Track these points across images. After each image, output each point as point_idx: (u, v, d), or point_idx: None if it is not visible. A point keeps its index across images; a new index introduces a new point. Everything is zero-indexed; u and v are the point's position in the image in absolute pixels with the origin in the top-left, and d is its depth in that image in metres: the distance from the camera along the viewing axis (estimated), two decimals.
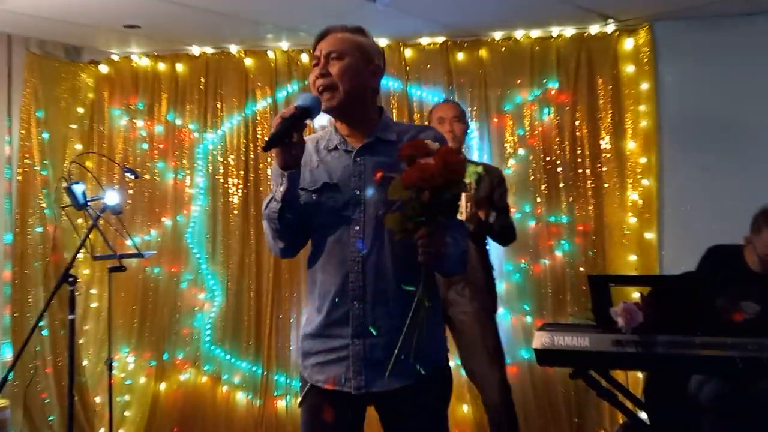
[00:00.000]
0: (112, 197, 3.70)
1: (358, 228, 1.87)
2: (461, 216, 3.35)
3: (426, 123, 3.65)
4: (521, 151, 4.37)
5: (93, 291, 4.67)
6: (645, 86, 4.23)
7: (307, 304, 2.04)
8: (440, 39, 4.46)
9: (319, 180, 1.92)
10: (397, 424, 1.94)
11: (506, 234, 3.46)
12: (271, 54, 4.64)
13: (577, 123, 4.32)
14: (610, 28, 4.29)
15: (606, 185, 4.29)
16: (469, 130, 3.66)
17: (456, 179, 1.70)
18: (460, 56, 4.45)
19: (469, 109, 4.42)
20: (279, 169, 1.82)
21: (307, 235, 1.96)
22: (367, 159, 1.91)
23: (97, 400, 4.55)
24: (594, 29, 4.32)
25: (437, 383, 1.95)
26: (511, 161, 4.38)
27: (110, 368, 3.91)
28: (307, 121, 1.84)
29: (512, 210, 3.96)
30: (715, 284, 2.86)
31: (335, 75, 1.90)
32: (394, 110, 4.47)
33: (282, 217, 1.84)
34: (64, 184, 3.71)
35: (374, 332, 1.86)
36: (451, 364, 4.15)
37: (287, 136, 1.77)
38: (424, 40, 4.48)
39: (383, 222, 1.80)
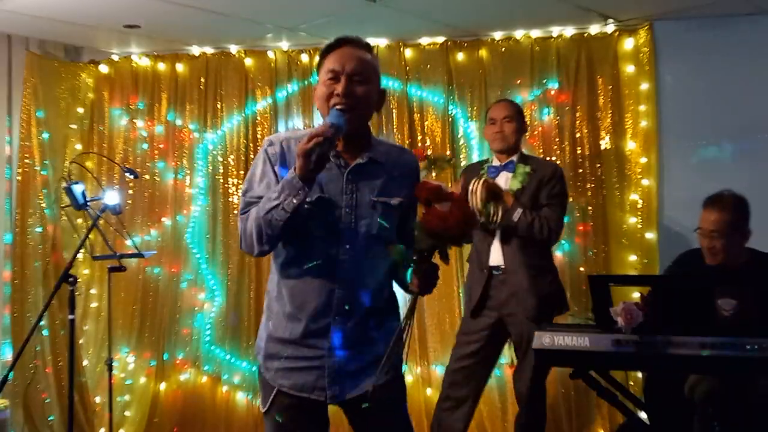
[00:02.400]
0: (112, 197, 3.70)
1: (348, 246, 1.93)
2: (496, 218, 3.36)
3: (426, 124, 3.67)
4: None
5: (93, 291, 4.67)
6: (645, 86, 4.23)
7: (270, 305, 2.04)
8: (440, 39, 4.46)
9: (312, 192, 1.91)
10: (365, 419, 2.02)
11: (534, 232, 3.36)
12: (271, 54, 4.64)
13: (577, 123, 4.32)
14: (610, 28, 4.29)
15: (606, 185, 4.29)
16: (525, 130, 3.64)
17: (470, 232, 1.92)
18: (460, 56, 4.45)
19: (469, 109, 4.42)
20: (295, 180, 1.81)
21: (286, 240, 1.96)
22: (358, 178, 1.96)
23: (97, 400, 4.55)
24: (594, 29, 4.32)
25: (394, 384, 2.05)
26: None
27: (110, 368, 3.91)
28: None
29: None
30: (676, 283, 2.89)
31: (358, 99, 1.94)
32: (394, 110, 4.47)
33: (285, 226, 1.85)
34: (64, 184, 3.72)
35: (355, 345, 1.96)
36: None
37: (327, 156, 1.82)
38: (424, 40, 4.48)
39: (389, 252, 1.92)
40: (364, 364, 1.96)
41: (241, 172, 4.61)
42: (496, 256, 3.42)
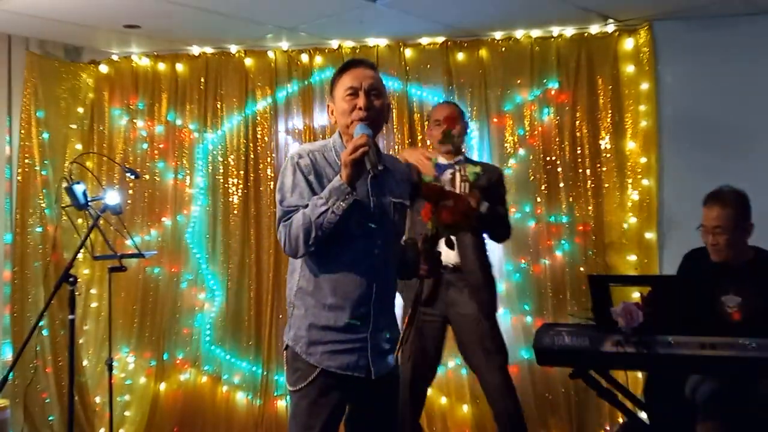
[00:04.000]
0: (112, 197, 3.70)
1: (380, 242, 2.21)
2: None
3: (426, 125, 3.67)
4: (521, 151, 4.38)
5: (93, 291, 4.67)
6: (645, 86, 4.23)
7: (304, 299, 2.24)
8: (440, 39, 4.46)
9: None
10: (379, 399, 2.30)
11: (498, 225, 3.43)
12: (271, 54, 4.64)
13: (577, 123, 4.32)
14: (610, 28, 4.29)
15: (606, 185, 4.29)
16: (468, 131, 3.66)
17: (473, 222, 2.54)
18: (460, 56, 4.45)
19: (469, 109, 4.42)
20: (343, 185, 2.07)
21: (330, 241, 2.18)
22: (377, 183, 2.21)
23: (97, 400, 4.55)
24: (594, 29, 4.32)
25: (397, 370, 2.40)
26: (511, 161, 4.38)
27: (110, 368, 3.91)
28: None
29: (512, 210, 3.97)
30: (683, 282, 2.89)
31: (377, 111, 2.22)
32: (394, 110, 4.46)
33: (333, 229, 2.09)
34: (65, 184, 3.71)
35: (382, 328, 2.26)
36: (451, 363, 4.18)
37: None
38: (424, 40, 4.48)
39: (405, 245, 2.37)
40: (391, 344, 2.30)
41: (241, 172, 4.62)
42: (449, 254, 3.33)
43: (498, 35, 4.41)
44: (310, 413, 2.19)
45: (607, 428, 4.13)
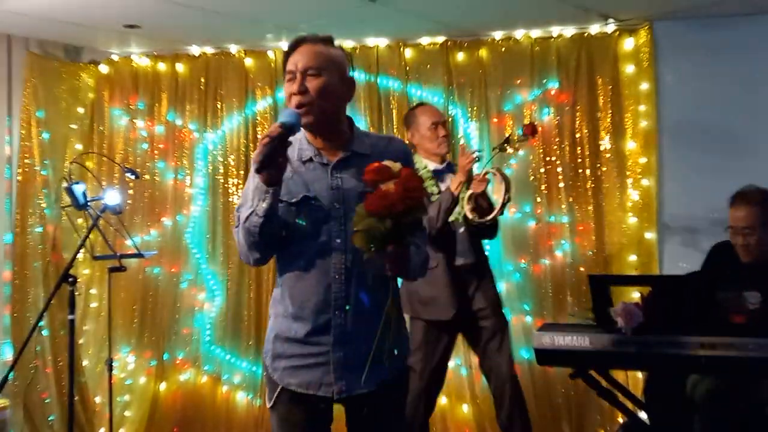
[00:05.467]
0: (112, 197, 3.70)
1: (339, 240, 1.94)
2: (466, 211, 3.42)
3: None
4: (521, 151, 4.37)
5: (93, 291, 4.67)
6: (645, 86, 4.23)
7: (275, 307, 2.06)
8: (440, 39, 4.46)
9: (297, 192, 1.95)
10: (363, 422, 2.03)
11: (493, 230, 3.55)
12: (271, 54, 4.64)
13: (577, 123, 4.32)
14: (610, 28, 4.29)
15: (606, 185, 4.28)
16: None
17: (416, 205, 1.75)
18: (460, 56, 4.45)
19: (469, 109, 4.42)
20: (260, 184, 1.84)
21: (281, 244, 1.98)
22: (344, 173, 1.98)
23: (97, 400, 4.55)
24: (594, 29, 4.32)
25: (400, 385, 2.08)
26: (511, 161, 4.37)
27: (110, 368, 3.91)
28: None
29: (511, 210, 4.00)
30: (710, 281, 2.87)
31: (313, 92, 1.92)
32: (394, 110, 4.46)
33: (263, 231, 1.89)
34: (65, 184, 3.71)
35: (355, 339, 1.94)
36: (451, 363, 4.17)
37: (278, 156, 1.80)
38: (424, 40, 4.48)
39: (352, 241, 1.83)
40: (375, 358, 1.91)
41: (241, 172, 4.61)
42: (465, 253, 3.46)
43: (498, 35, 4.41)
44: None
45: (607, 428, 4.13)
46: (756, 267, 3.01)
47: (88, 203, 3.69)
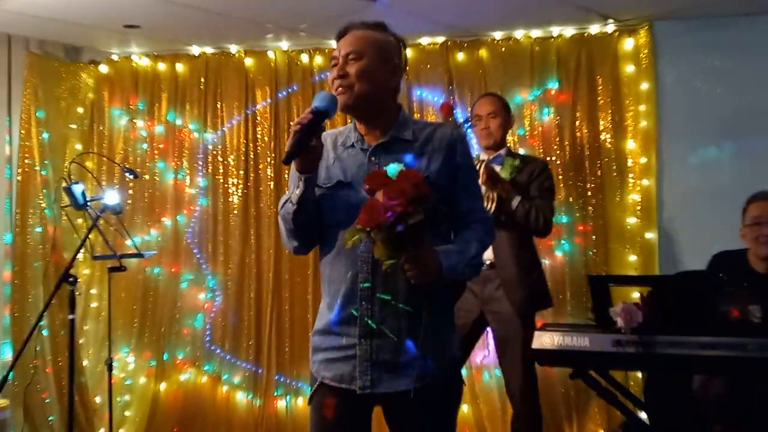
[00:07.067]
0: (112, 197, 3.70)
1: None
2: (488, 206, 3.29)
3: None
4: (521, 151, 4.37)
5: (93, 291, 4.67)
6: (645, 86, 4.23)
7: (323, 298, 2.02)
8: (440, 39, 4.46)
9: (333, 177, 1.93)
10: (401, 425, 1.94)
11: (534, 220, 3.29)
12: (271, 54, 4.64)
13: (577, 123, 4.32)
14: (610, 28, 4.29)
15: (606, 185, 4.28)
16: (511, 124, 3.62)
17: (405, 212, 1.67)
18: (460, 56, 4.45)
19: (469, 109, 4.41)
20: (294, 171, 1.82)
21: (320, 233, 1.96)
22: (382, 158, 1.92)
23: (97, 400, 4.55)
24: (594, 29, 4.32)
25: (445, 386, 1.94)
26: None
27: (110, 368, 3.91)
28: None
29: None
30: (720, 290, 2.86)
31: (353, 76, 1.90)
32: None
33: (297, 219, 1.87)
34: (64, 184, 3.71)
35: (386, 332, 1.85)
36: None
37: (308, 143, 1.76)
38: (424, 40, 4.48)
39: (372, 251, 1.78)
40: (403, 358, 1.85)
41: (241, 172, 4.62)
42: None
43: (498, 35, 4.41)
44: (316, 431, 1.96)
45: (607, 428, 4.13)
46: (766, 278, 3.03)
47: (88, 203, 3.69)
